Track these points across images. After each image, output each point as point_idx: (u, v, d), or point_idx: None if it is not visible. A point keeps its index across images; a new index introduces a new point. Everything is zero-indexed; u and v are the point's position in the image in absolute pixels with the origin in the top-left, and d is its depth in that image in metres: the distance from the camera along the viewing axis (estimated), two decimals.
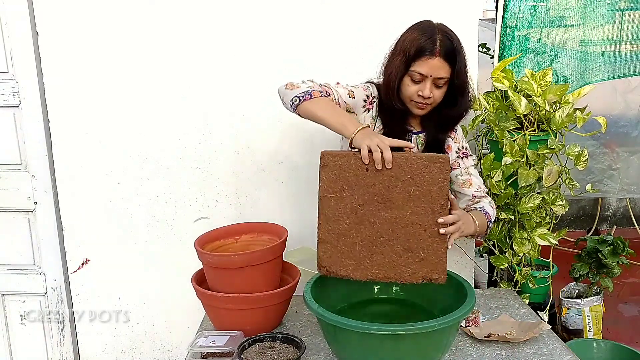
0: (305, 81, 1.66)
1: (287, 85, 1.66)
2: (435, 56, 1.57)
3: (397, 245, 1.39)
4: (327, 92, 1.65)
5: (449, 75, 1.61)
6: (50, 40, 2.15)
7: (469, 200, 1.80)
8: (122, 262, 2.31)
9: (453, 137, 1.80)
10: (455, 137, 1.80)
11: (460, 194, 1.82)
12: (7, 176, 2.29)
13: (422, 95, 1.62)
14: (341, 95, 1.68)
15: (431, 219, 1.38)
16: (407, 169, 1.38)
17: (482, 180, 1.85)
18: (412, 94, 1.64)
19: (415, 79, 1.62)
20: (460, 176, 1.80)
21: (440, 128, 1.76)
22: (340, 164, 1.39)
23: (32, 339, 2.45)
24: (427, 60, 1.58)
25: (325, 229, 1.41)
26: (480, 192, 1.80)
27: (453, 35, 1.63)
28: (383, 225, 1.39)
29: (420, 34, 1.61)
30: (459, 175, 1.80)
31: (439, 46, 1.57)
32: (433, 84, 1.61)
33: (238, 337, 1.54)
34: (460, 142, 1.81)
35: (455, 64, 1.60)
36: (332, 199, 1.40)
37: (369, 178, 1.39)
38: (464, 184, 1.80)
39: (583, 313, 2.29)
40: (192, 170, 2.24)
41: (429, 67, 1.59)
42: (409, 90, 1.64)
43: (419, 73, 1.60)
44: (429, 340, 1.33)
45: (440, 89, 1.63)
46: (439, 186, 1.38)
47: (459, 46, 1.62)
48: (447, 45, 1.59)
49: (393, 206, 1.39)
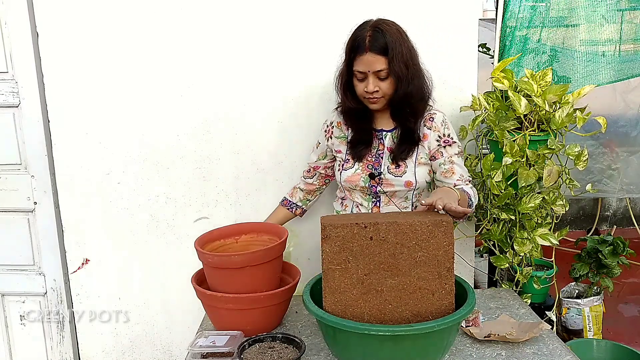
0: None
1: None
2: (366, 52, 1.67)
3: (406, 311, 1.38)
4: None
5: (386, 67, 1.68)
6: (50, 40, 2.15)
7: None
8: (122, 262, 2.31)
9: (430, 126, 1.81)
10: (433, 126, 1.81)
11: (443, 183, 1.81)
12: (6, 176, 2.29)
13: (368, 90, 1.72)
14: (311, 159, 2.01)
15: (438, 283, 1.38)
16: (411, 236, 1.36)
17: (466, 170, 1.84)
18: (361, 92, 1.74)
19: (359, 78, 1.73)
20: (443, 165, 1.80)
21: (405, 119, 1.80)
22: (344, 235, 1.37)
23: (32, 339, 2.45)
24: (361, 58, 1.69)
25: (332, 301, 1.39)
26: (462, 180, 1.79)
27: (386, 27, 1.70)
28: (390, 292, 1.38)
29: (353, 36, 1.73)
30: (442, 164, 1.80)
31: (367, 42, 1.67)
32: (376, 77, 1.70)
33: (238, 337, 1.53)
34: (440, 130, 1.82)
35: (388, 54, 1.67)
36: (337, 270, 1.38)
37: (374, 247, 1.37)
38: (447, 172, 1.80)
39: (583, 313, 2.29)
40: (192, 170, 2.24)
41: (364, 63, 1.69)
42: (358, 89, 1.75)
43: (359, 71, 1.71)
44: (429, 341, 1.33)
45: (385, 81, 1.71)
46: (445, 250, 1.37)
47: (394, 36, 1.68)
48: (377, 38, 1.67)
49: (399, 273, 1.38)
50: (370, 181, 1.81)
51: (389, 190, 1.81)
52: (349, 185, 1.85)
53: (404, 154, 1.79)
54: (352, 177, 1.82)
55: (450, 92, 2.16)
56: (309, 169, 2.03)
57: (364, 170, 1.82)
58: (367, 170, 1.81)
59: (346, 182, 1.84)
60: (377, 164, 1.81)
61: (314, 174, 2.02)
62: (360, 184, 1.82)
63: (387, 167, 1.80)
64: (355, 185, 1.83)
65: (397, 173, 1.79)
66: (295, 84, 2.16)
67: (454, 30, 2.12)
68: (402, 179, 1.79)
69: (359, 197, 1.86)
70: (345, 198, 1.92)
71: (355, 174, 1.82)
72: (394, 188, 1.80)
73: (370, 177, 1.80)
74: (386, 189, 1.80)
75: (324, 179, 2.04)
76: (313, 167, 2.01)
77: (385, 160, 1.81)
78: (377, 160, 1.82)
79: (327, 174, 2.02)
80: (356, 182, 1.82)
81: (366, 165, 1.82)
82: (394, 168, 1.79)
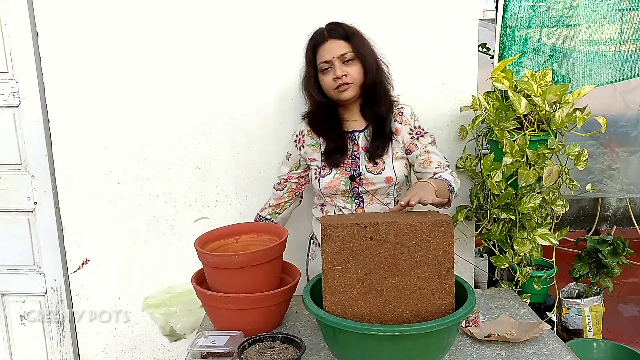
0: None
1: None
2: (327, 40, 1.74)
3: (406, 311, 1.38)
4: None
5: (350, 50, 1.72)
6: (50, 40, 2.15)
7: (431, 178, 1.81)
8: (122, 262, 2.31)
9: (400, 121, 1.84)
10: (403, 120, 1.84)
11: (422, 174, 1.83)
12: (7, 176, 2.29)
13: (337, 76, 1.73)
14: (282, 172, 2.00)
15: (438, 283, 1.38)
16: (411, 236, 1.36)
17: (442, 156, 1.87)
18: (330, 82, 1.75)
19: (325, 70, 1.75)
20: (419, 156, 1.83)
21: (376, 112, 1.82)
22: (344, 235, 1.37)
23: (32, 339, 2.45)
24: (322, 47, 1.74)
25: (332, 301, 1.39)
26: (441, 167, 1.82)
27: (342, 23, 1.77)
28: (390, 292, 1.38)
29: (311, 38, 1.79)
30: (418, 156, 1.83)
31: (326, 32, 1.75)
32: (341, 62, 1.73)
33: (238, 337, 1.53)
34: (411, 123, 1.85)
35: (349, 39, 1.73)
36: (337, 270, 1.38)
37: (374, 247, 1.37)
38: (424, 162, 1.82)
39: (583, 313, 2.29)
40: (192, 170, 2.24)
41: (326, 51, 1.73)
42: (326, 81, 1.76)
43: (324, 61, 1.74)
44: (429, 341, 1.33)
45: (351, 66, 1.74)
46: (445, 250, 1.37)
47: (350, 28, 1.76)
48: (335, 28, 1.75)
49: (400, 273, 1.38)
50: (352, 183, 1.81)
51: (371, 189, 1.82)
52: (330, 191, 1.84)
53: (379, 150, 1.81)
54: (332, 182, 1.82)
55: (450, 92, 2.16)
56: (280, 181, 2.01)
57: (343, 174, 1.82)
58: (346, 174, 1.82)
59: (326, 188, 1.84)
60: (354, 165, 1.82)
61: (285, 186, 1.99)
62: (342, 188, 1.82)
63: (365, 166, 1.81)
64: (337, 190, 1.83)
65: (376, 171, 1.80)
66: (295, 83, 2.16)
67: (454, 30, 2.12)
68: (382, 176, 1.80)
69: (340, 201, 1.86)
70: (326, 204, 1.91)
71: (334, 179, 1.82)
72: (375, 186, 1.81)
73: (350, 179, 1.81)
74: (368, 188, 1.81)
75: (294, 192, 2.01)
76: (285, 178, 1.99)
77: (363, 160, 1.82)
78: (355, 161, 1.83)
79: (299, 184, 1.99)
80: (337, 187, 1.82)
81: (344, 168, 1.83)
82: (372, 166, 1.81)
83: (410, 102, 2.13)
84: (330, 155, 1.84)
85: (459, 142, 2.21)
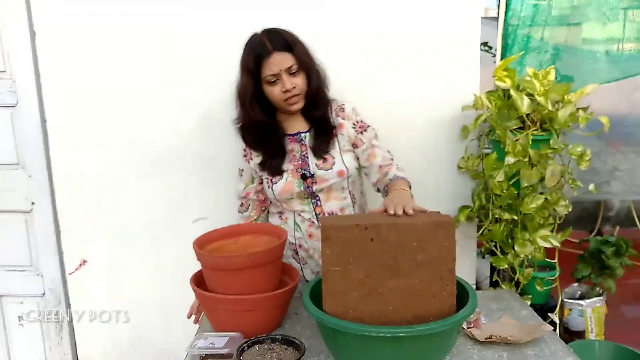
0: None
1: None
2: (271, 52, 1.69)
3: (407, 312, 1.37)
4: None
5: (295, 62, 1.71)
6: (47, 39, 2.14)
7: (377, 172, 1.82)
8: (120, 263, 2.30)
9: (343, 116, 1.85)
10: (346, 116, 1.85)
11: (369, 168, 1.84)
12: (4, 176, 2.28)
13: (286, 89, 1.72)
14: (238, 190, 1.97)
15: (440, 285, 1.36)
16: (413, 237, 1.35)
17: (386, 149, 1.87)
18: (279, 95, 1.74)
19: (271, 81, 1.73)
20: (365, 151, 1.84)
21: (316, 112, 1.83)
22: (344, 237, 1.35)
23: (30, 340, 2.45)
24: (268, 60, 1.70)
25: (332, 303, 1.38)
26: (385, 161, 1.82)
27: (279, 29, 1.74)
28: (391, 294, 1.36)
29: (249, 47, 1.75)
30: (364, 150, 1.84)
31: (269, 44, 1.70)
32: (288, 74, 1.71)
33: (237, 339, 1.53)
34: (353, 118, 1.86)
35: (292, 50, 1.71)
36: (337, 272, 1.37)
37: (375, 248, 1.35)
38: (369, 157, 1.83)
39: (585, 314, 2.28)
40: (192, 170, 2.23)
41: (274, 64, 1.70)
42: (274, 94, 1.74)
43: (270, 75, 1.71)
44: (430, 343, 1.32)
45: (297, 77, 1.73)
46: (446, 251, 1.35)
47: (289, 35, 1.74)
48: (276, 38, 1.71)
49: (401, 275, 1.36)
50: (304, 182, 1.81)
51: (325, 185, 1.82)
52: (285, 196, 1.84)
53: (324, 145, 1.82)
54: (286, 186, 1.82)
55: (452, 91, 2.15)
56: (241, 202, 1.98)
57: (295, 176, 1.82)
58: (297, 175, 1.82)
59: (281, 194, 1.84)
60: (304, 165, 1.82)
61: (248, 205, 1.97)
62: (296, 190, 1.82)
63: (315, 164, 1.82)
64: (292, 194, 1.83)
65: (327, 167, 1.81)
66: None
67: (455, 29, 2.11)
68: (333, 171, 1.80)
69: (297, 204, 1.86)
70: (283, 211, 1.91)
71: (287, 182, 1.82)
72: (329, 182, 1.81)
73: (302, 178, 1.81)
74: (322, 185, 1.82)
75: (260, 207, 1.98)
76: (243, 196, 1.96)
77: (312, 159, 1.83)
78: (304, 161, 1.83)
79: (259, 198, 1.96)
80: (291, 190, 1.82)
81: (295, 169, 1.83)
82: (322, 163, 1.81)
83: (411, 101, 2.13)
84: (265, 164, 1.85)
85: (460, 142, 2.20)
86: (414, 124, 2.15)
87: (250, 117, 1.80)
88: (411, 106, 2.14)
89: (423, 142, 2.17)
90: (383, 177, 1.80)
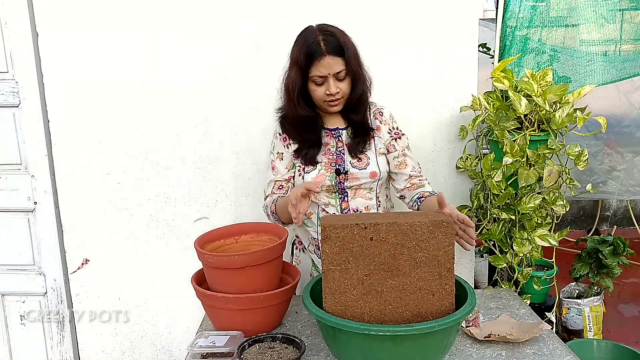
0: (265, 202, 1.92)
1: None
2: (324, 55, 1.69)
3: (406, 311, 1.38)
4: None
5: (344, 67, 1.72)
6: (49, 40, 2.15)
7: (405, 181, 1.86)
8: (122, 263, 2.31)
9: (381, 120, 1.87)
10: (384, 120, 1.88)
11: (397, 175, 1.87)
12: (7, 176, 2.29)
13: (330, 93, 1.73)
14: (280, 172, 1.89)
15: (438, 284, 1.37)
16: (412, 236, 1.36)
17: (416, 161, 1.91)
18: (322, 96, 1.75)
19: (317, 82, 1.74)
20: (396, 158, 1.87)
21: (356, 116, 1.84)
22: (344, 236, 1.36)
23: (32, 339, 2.45)
24: (320, 62, 1.70)
25: (332, 302, 1.39)
26: (415, 171, 1.87)
27: (334, 30, 1.74)
28: (391, 293, 1.38)
29: (303, 42, 1.74)
30: (395, 157, 1.87)
31: (323, 46, 1.69)
32: (335, 79, 1.72)
33: (238, 338, 1.53)
34: (390, 124, 1.89)
35: (344, 55, 1.70)
36: (337, 271, 1.38)
37: (374, 247, 1.36)
38: (400, 165, 1.86)
39: (583, 313, 2.29)
40: (192, 170, 2.24)
41: (324, 67, 1.70)
42: (317, 93, 1.76)
43: (318, 76, 1.72)
44: (429, 341, 1.33)
45: (343, 82, 1.75)
46: (445, 250, 1.37)
47: (344, 38, 1.74)
48: (331, 41, 1.70)
49: (400, 273, 1.37)
50: (337, 178, 1.82)
51: (355, 184, 1.83)
52: None
53: (360, 145, 1.84)
54: (317, 178, 1.82)
55: (450, 91, 2.16)
56: (282, 184, 1.90)
57: (328, 169, 1.83)
58: (331, 169, 1.83)
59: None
60: (340, 161, 1.84)
61: (287, 188, 1.90)
62: (327, 183, 1.83)
63: (349, 162, 1.83)
64: (321, 186, 1.83)
65: (361, 166, 1.83)
66: None
67: (454, 30, 2.12)
68: (366, 171, 1.82)
69: (324, 197, 1.86)
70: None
71: (320, 174, 1.83)
72: (360, 181, 1.83)
73: (336, 173, 1.82)
74: (352, 183, 1.83)
75: None
76: (286, 179, 1.90)
77: (347, 156, 1.84)
78: (339, 157, 1.84)
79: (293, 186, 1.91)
80: (322, 183, 1.82)
81: (329, 163, 1.84)
82: (357, 162, 1.83)
83: (410, 101, 2.14)
84: (301, 153, 1.85)
85: (459, 142, 2.21)
86: (413, 124, 2.15)
87: (294, 111, 1.81)
88: (410, 107, 2.16)
89: (422, 142, 2.19)
90: (413, 187, 1.83)
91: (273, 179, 1.91)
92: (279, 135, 1.91)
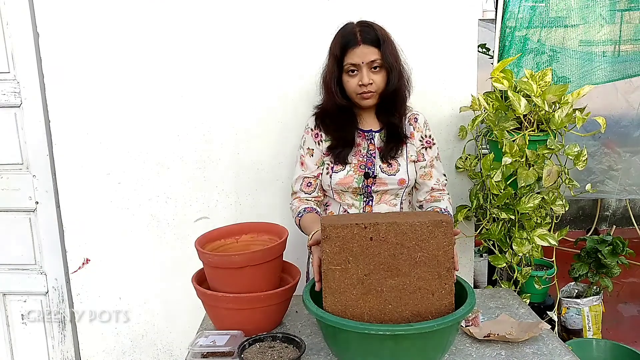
0: (292, 202, 1.90)
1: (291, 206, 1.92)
2: (359, 44, 1.69)
3: (406, 311, 1.39)
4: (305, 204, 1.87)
5: (379, 57, 1.71)
6: (51, 40, 2.15)
7: (427, 193, 1.86)
8: (122, 262, 2.31)
9: (415, 126, 1.85)
10: (417, 127, 1.86)
11: (421, 185, 1.87)
12: (8, 176, 2.29)
13: (363, 83, 1.71)
14: (310, 169, 1.86)
15: (438, 283, 1.38)
16: (411, 236, 1.36)
17: (442, 174, 1.90)
18: (354, 87, 1.73)
19: (351, 72, 1.73)
20: (423, 167, 1.86)
21: (391, 116, 1.83)
22: (344, 235, 1.37)
23: (33, 338, 2.46)
24: (354, 50, 1.70)
25: (332, 301, 1.39)
26: (439, 185, 1.86)
27: (374, 24, 1.74)
28: (390, 293, 1.38)
29: (341, 35, 1.75)
30: (423, 167, 1.86)
31: (359, 35, 1.70)
32: (369, 69, 1.71)
33: (238, 337, 1.54)
34: (423, 131, 1.87)
35: (380, 46, 1.70)
36: (337, 270, 1.38)
37: (374, 247, 1.37)
38: (425, 175, 1.86)
39: (582, 313, 2.29)
40: (192, 170, 2.24)
41: (357, 55, 1.69)
42: (350, 84, 1.74)
43: (351, 64, 1.71)
44: (429, 341, 1.33)
45: (378, 74, 1.73)
46: (444, 250, 1.37)
47: (382, 31, 1.73)
48: (368, 32, 1.71)
49: (399, 273, 1.38)
50: (365, 181, 1.80)
51: (382, 189, 1.81)
52: (341, 188, 1.83)
53: (392, 151, 1.81)
54: (345, 179, 1.81)
55: (449, 92, 2.17)
56: (309, 182, 1.87)
57: (357, 171, 1.81)
58: (360, 171, 1.81)
59: (338, 184, 1.82)
60: (369, 164, 1.81)
61: (315, 186, 1.87)
62: (354, 185, 1.81)
63: (379, 166, 1.81)
64: (348, 187, 1.81)
65: (390, 172, 1.80)
66: (295, 83, 2.17)
67: (453, 31, 2.13)
68: (395, 177, 1.80)
69: (349, 198, 1.85)
70: (330, 203, 1.90)
71: (347, 175, 1.81)
72: (387, 187, 1.81)
73: (365, 177, 1.80)
74: (380, 187, 1.81)
75: (321, 189, 1.90)
76: (315, 175, 1.87)
77: (377, 160, 1.81)
78: (370, 160, 1.82)
79: (321, 183, 1.89)
80: (349, 184, 1.81)
81: (358, 165, 1.81)
82: (387, 167, 1.80)
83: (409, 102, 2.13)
84: (334, 151, 1.82)
85: (458, 142, 2.22)
86: None
87: (334, 102, 1.78)
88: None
89: None
90: (430, 200, 1.84)
91: (302, 175, 1.88)
92: (310, 131, 1.87)
